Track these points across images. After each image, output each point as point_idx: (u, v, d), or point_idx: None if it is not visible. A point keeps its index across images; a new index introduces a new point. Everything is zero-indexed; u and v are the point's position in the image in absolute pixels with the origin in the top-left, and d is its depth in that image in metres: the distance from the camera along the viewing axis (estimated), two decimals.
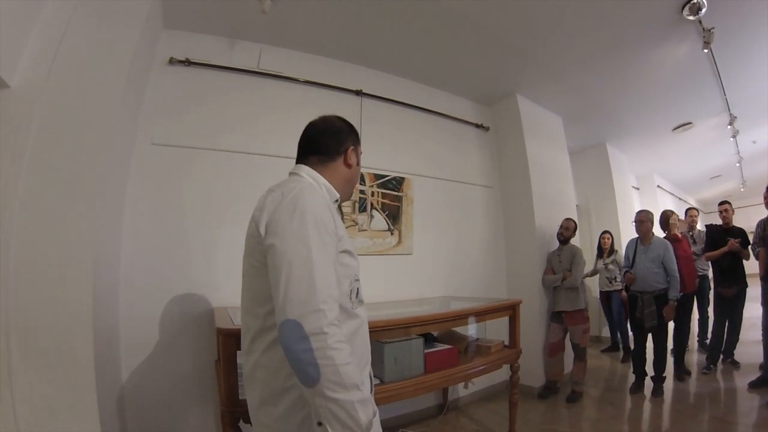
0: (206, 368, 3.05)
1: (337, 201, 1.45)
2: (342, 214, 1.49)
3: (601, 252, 6.34)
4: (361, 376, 1.12)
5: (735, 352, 5.03)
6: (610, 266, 6.08)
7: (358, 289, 1.33)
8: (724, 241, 4.84)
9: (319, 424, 1.07)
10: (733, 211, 5.15)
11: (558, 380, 4.57)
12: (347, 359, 1.06)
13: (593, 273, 6.37)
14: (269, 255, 1.17)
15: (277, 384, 1.15)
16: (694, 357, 5.58)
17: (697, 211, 6.00)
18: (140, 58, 2.69)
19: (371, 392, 1.39)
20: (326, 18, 3.41)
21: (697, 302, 5.58)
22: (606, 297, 6.26)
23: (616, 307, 6.05)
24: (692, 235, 5.65)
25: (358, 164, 1.53)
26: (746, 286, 4.82)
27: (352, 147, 1.50)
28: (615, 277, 5.98)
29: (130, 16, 2.51)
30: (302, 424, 1.18)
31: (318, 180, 1.41)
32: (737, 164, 8.72)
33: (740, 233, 4.88)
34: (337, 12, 3.34)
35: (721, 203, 5.18)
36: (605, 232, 6.42)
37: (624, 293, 5.28)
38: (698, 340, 5.98)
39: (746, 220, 6.26)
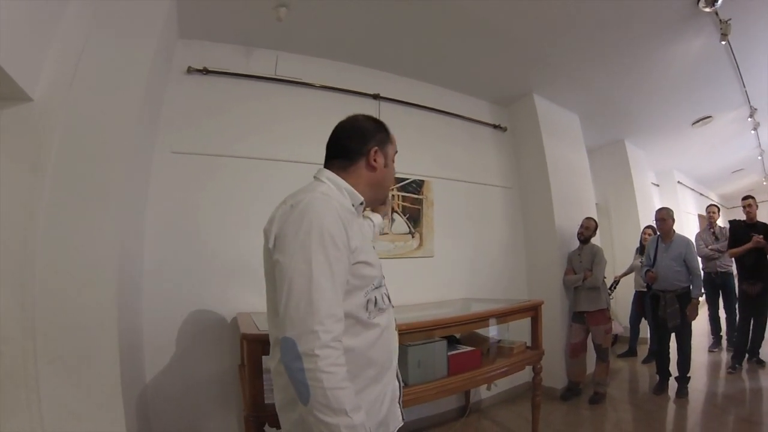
0: (229, 372, 3.08)
1: (362, 204, 1.39)
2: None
3: (642, 248, 5.89)
4: (355, 401, 1.08)
5: (760, 351, 4.94)
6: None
7: (376, 298, 1.30)
8: (748, 237, 4.76)
9: None
10: (757, 206, 5.07)
11: (580, 381, 4.52)
12: (338, 384, 1.06)
13: (629, 271, 6.21)
14: (276, 270, 1.18)
15: (291, 392, 1.15)
16: (721, 356, 5.51)
17: (717, 207, 5.89)
18: (158, 68, 2.73)
19: (399, 394, 1.42)
20: (341, 23, 3.42)
21: (723, 300, 5.51)
22: (640, 298, 5.89)
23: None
24: (713, 232, 5.58)
25: (386, 165, 1.47)
26: None
27: (376, 148, 1.43)
28: None
29: (147, 28, 2.54)
30: None
31: (339, 185, 1.36)
32: (759, 157, 8.56)
33: (765, 228, 4.79)
34: (351, 17, 3.35)
35: (745, 198, 5.10)
36: (648, 226, 6.12)
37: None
38: (726, 339, 5.89)
39: None
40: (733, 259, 5.19)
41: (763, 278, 4.70)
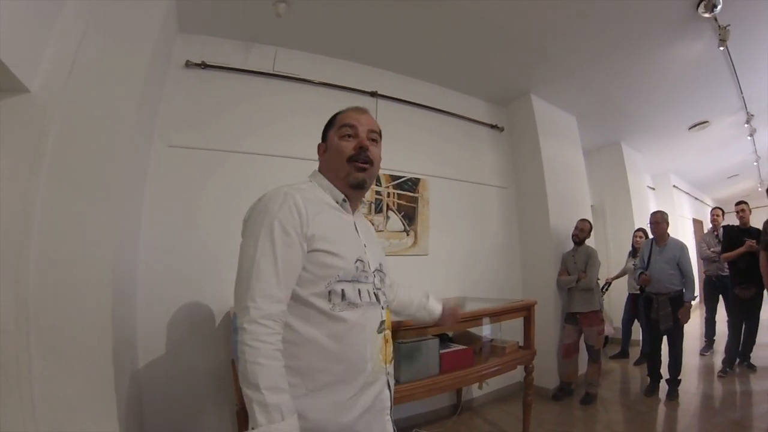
0: (223, 368, 3.08)
1: (345, 201, 1.44)
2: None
3: (634, 251, 6.00)
4: (274, 381, 1.12)
5: (752, 355, 4.97)
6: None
7: (344, 291, 1.29)
8: (742, 242, 4.79)
9: None
10: (750, 211, 5.10)
11: (572, 382, 4.54)
12: (256, 359, 1.12)
13: (622, 273, 6.24)
14: None
15: None
16: (713, 359, 5.54)
17: (722, 210, 5.90)
18: (157, 61, 2.73)
19: (390, 406, 1.40)
20: (341, 20, 3.43)
21: (725, 304, 5.52)
22: (634, 301, 5.88)
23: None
24: (717, 235, 5.60)
25: (327, 150, 1.49)
26: (763, 288, 4.77)
27: (321, 143, 1.54)
28: None
29: (146, 21, 2.55)
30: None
31: (322, 183, 1.44)
32: (755, 163, 8.57)
33: (758, 234, 4.82)
34: (351, 14, 3.36)
35: (738, 203, 5.13)
36: (639, 229, 6.15)
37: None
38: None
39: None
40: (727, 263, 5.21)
41: (756, 282, 4.73)
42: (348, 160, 1.40)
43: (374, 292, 1.39)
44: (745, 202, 5.10)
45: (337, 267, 1.29)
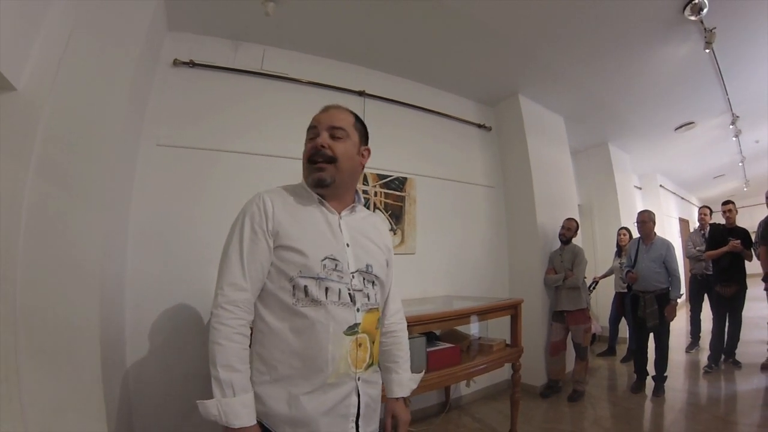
0: None
1: (319, 200, 1.45)
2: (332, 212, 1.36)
3: (619, 250, 6.03)
4: (229, 361, 1.21)
5: (737, 351, 5.03)
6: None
7: (307, 287, 1.30)
8: (726, 241, 4.85)
9: None
10: (736, 210, 5.16)
11: (560, 379, 4.58)
12: (216, 339, 1.23)
13: (609, 273, 6.29)
14: None
15: None
16: (700, 356, 5.59)
17: (710, 209, 5.95)
18: (145, 60, 2.72)
19: (357, 413, 1.35)
20: (329, 19, 3.43)
21: (710, 302, 5.57)
22: (621, 299, 5.90)
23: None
24: (704, 234, 5.65)
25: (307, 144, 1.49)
26: (746, 286, 4.84)
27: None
28: None
29: (135, 19, 2.54)
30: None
31: (304, 185, 1.49)
32: (740, 164, 8.69)
33: (743, 233, 4.88)
34: (339, 13, 3.36)
35: (725, 203, 5.19)
36: (623, 228, 6.20)
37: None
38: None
39: (749, 220, 6.26)
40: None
41: (738, 280, 4.80)
42: (308, 162, 1.44)
43: (349, 293, 1.36)
44: (732, 202, 5.15)
45: (299, 263, 1.32)
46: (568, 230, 4.69)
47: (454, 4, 3.28)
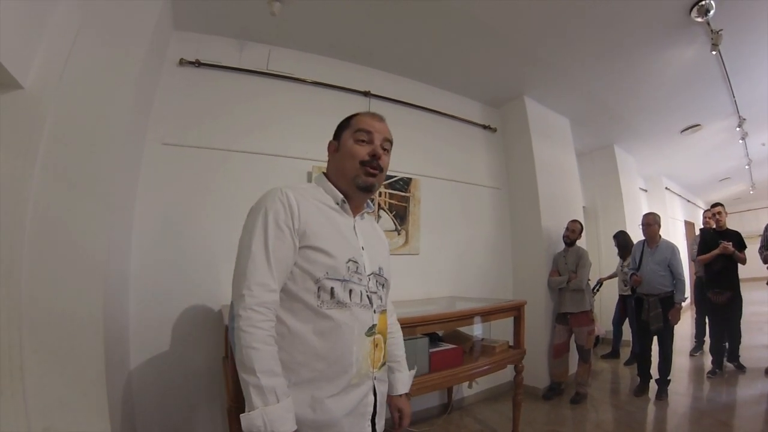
0: (214, 365, 3.09)
1: (344, 202, 1.45)
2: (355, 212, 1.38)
3: (620, 251, 6.03)
4: (269, 365, 1.16)
5: (740, 355, 5.01)
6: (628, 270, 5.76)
7: (333, 289, 1.30)
8: (717, 244, 4.82)
9: None
10: (726, 213, 5.13)
11: (562, 381, 4.57)
12: (251, 343, 1.16)
13: (614, 275, 6.26)
14: None
15: None
16: (704, 359, 5.57)
17: (723, 207, 5.89)
18: (151, 59, 2.73)
19: (372, 411, 1.39)
20: (335, 20, 3.44)
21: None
22: (624, 301, 5.93)
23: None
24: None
25: (338, 149, 1.50)
26: (740, 294, 4.82)
27: (332, 140, 1.54)
28: None
29: (141, 18, 2.55)
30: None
31: (324, 185, 1.47)
32: (746, 167, 8.65)
33: (735, 236, 4.85)
34: (345, 14, 3.37)
35: (714, 205, 5.14)
36: (620, 232, 6.20)
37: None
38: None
39: (756, 223, 6.24)
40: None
41: (731, 286, 4.76)
42: (361, 163, 1.42)
43: (367, 295, 1.39)
44: (721, 204, 5.11)
45: (326, 264, 1.30)
46: (573, 232, 4.68)
47: (459, 5, 3.28)
